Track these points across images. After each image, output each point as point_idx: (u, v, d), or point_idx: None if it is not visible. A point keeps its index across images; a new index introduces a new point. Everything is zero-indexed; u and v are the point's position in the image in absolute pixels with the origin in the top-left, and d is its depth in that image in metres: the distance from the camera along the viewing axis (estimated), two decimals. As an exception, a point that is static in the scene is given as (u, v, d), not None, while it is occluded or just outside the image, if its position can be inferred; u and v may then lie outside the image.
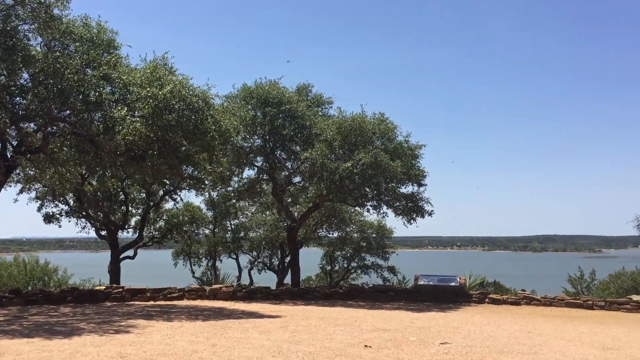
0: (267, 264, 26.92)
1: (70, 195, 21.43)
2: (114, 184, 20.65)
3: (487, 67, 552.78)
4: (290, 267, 22.25)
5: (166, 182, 19.07)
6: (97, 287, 18.01)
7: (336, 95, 41.53)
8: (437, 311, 16.19)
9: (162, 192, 22.12)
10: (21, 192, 19.72)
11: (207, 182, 18.68)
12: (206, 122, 13.67)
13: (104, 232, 21.79)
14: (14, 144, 14.39)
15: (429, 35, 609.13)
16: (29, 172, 17.97)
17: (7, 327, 10.74)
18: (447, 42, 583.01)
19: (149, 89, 12.70)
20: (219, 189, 21.86)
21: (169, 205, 23.72)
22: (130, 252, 22.34)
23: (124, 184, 21.27)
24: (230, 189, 21.38)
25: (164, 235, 24.12)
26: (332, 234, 25.95)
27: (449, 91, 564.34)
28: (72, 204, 21.86)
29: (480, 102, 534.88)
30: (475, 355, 8.65)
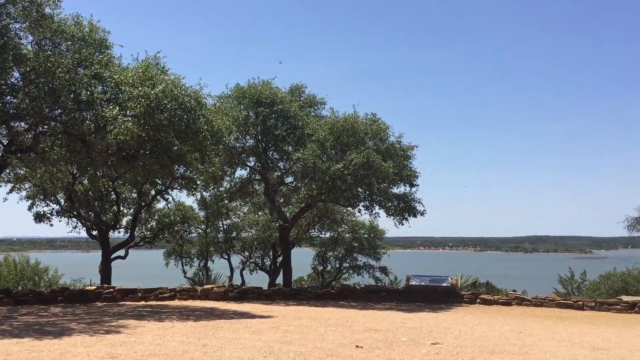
0: (259, 264, 26.93)
1: (61, 194, 21.33)
2: (105, 183, 20.55)
3: (477, 68, 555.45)
4: (282, 268, 22.24)
5: (158, 182, 18.98)
6: (88, 287, 17.90)
7: (329, 95, 41.69)
8: (428, 311, 16.24)
9: (153, 192, 22.04)
10: (11, 191, 19.54)
11: (199, 182, 18.64)
12: (198, 122, 13.64)
13: (95, 232, 21.71)
14: (4, 143, 14.33)
15: (425, 34, 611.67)
16: (19, 171, 17.86)
17: (-3, 327, 10.68)
18: (442, 41, 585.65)
19: (140, 89, 12.66)
20: (211, 189, 21.82)
21: (161, 205, 23.69)
22: (121, 252, 22.27)
23: (116, 183, 21.18)
24: (222, 189, 21.35)
25: (156, 235, 24.04)
26: (324, 234, 25.98)
27: (444, 91, 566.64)
28: (63, 203, 21.75)
29: (472, 103, 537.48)
30: (466, 355, 8.69)
